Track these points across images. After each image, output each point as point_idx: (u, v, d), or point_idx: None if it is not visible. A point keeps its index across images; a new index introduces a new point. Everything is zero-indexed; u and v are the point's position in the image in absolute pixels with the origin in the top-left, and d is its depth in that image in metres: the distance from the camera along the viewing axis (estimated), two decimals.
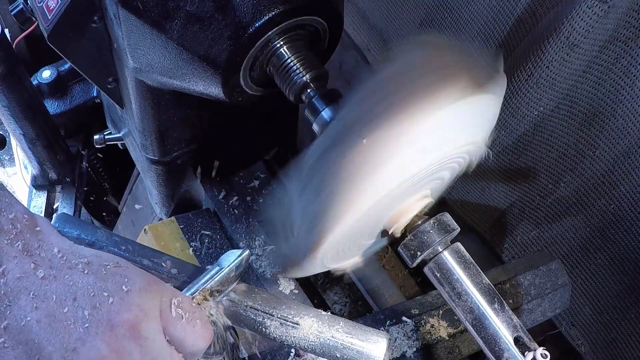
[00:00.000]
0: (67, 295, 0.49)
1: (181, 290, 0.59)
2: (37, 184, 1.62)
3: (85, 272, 0.51)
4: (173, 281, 0.63)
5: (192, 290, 0.60)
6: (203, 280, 0.60)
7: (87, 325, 0.49)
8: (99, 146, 1.28)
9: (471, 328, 0.71)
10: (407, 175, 0.65)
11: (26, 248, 0.50)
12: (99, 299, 0.50)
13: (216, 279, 0.61)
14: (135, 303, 0.51)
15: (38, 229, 0.52)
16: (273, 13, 0.74)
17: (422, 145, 0.63)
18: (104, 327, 0.49)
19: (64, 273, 0.50)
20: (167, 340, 0.54)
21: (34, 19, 1.08)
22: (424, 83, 0.62)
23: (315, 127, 0.77)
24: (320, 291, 1.10)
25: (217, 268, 0.62)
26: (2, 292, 0.48)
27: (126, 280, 0.52)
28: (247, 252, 0.64)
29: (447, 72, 0.63)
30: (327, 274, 1.12)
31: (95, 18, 0.86)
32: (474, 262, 0.73)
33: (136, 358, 0.50)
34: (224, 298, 0.63)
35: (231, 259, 0.63)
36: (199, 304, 0.59)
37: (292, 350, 0.79)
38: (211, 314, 0.60)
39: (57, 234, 0.54)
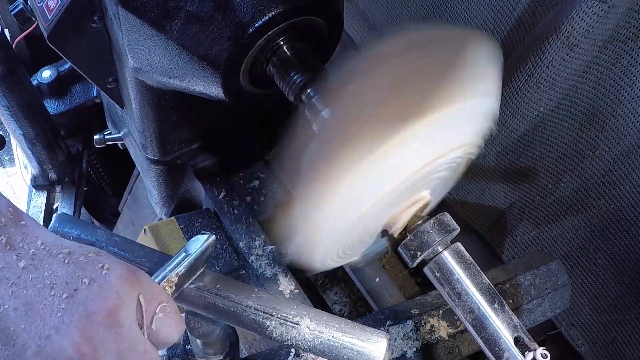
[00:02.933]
0: (45, 283, 0.50)
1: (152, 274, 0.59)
2: (37, 184, 1.62)
3: (66, 261, 0.51)
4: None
5: (160, 277, 0.59)
6: (170, 267, 0.59)
7: (62, 312, 0.49)
8: (99, 146, 1.28)
9: (471, 328, 0.71)
10: (405, 176, 0.65)
11: (9, 241, 0.50)
12: (77, 287, 0.50)
13: (184, 264, 0.60)
14: (114, 291, 0.51)
15: (23, 222, 0.52)
16: (273, 13, 0.74)
17: (415, 148, 0.63)
18: (79, 315, 0.49)
19: (44, 262, 0.51)
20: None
21: (34, 19, 1.08)
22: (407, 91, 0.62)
23: (315, 127, 0.77)
24: (320, 291, 1.10)
25: (184, 254, 0.61)
26: None
27: (105, 268, 0.52)
28: (212, 237, 0.63)
29: (430, 77, 0.63)
30: (327, 273, 1.13)
31: (95, 18, 0.86)
32: (474, 262, 0.73)
33: (110, 346, 0.50)
34: (193, 286, 0.62)
35: (197, 244, 0.62)
36: (170, 293, 0.59)
37: (292, 350, 0.79)
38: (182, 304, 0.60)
39: (42, 228, 0.54)
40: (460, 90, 0.63)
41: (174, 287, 0.59)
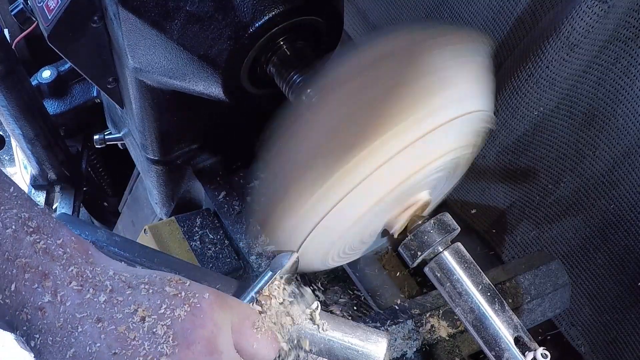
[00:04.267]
0: (135, 318, 0.48)
1: (239, 297, 0.59)
2: (36, 184, 1.62)
3: (150, 291, 0.50)
4: None
5: (249, 297, 0.59)
6: (259, 287, 0.60)
7: (162, 345, 0.47)
8: (99, 146, 1.28)
9: (471, 328, 0.71)
10: (404, 177, 0.66)
11: (80, 273, 0.49)
12: (170, 318, 0.49)
13: (270, 283, 0.61)
14: (209, 318, 0.50)
15: (92, 252, 0.51)
16: (273, 13, 0.74)
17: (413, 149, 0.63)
18: (181, 346, 0.48)
19: (126, 295, 0.49)
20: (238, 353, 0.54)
21: (34, 19, 1.08)
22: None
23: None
24: (320, 291, 1.10)
25: (271, 273, 0.62)
26: (63, 319, 0.47)
27: (194, 295, 0.51)
28: (295, 254, 0.64)
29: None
30: (327, 273, 1.13)
31: (95, 18, 0.86)
32: (474, 262, 0.73)
33: None
34: None
35: (282, 262, 0.63)
36: (261, 313, 0.58)
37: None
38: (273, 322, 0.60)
39: (106, 257, 0.52)
40: (429, 104, 0.62)
41: (267, 307, 0.59)
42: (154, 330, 0.48)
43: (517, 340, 0.69)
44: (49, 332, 0.46)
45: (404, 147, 0.61)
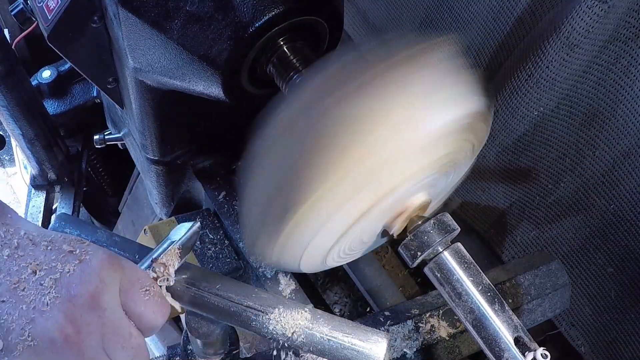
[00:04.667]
0: (28, 270, 0.51)
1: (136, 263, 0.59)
2: (36, 184, 1.63)
3: (49, 248, 0.52)
4: None
5: (146, 264, 0.59)
6: (156, 254, 0.60)
7: (45, 297, 0.50)
8: (99, 146, 1.28)
9: (471, 328, 0.71)
10: (404, 178, 0.66)
11: None
12: (59, 272, 0.51)
13: (168, 251, 0.61)
14: (96, 274, 0.52)
15: (9, 215, 0.54)
16: (273, 13, 0.74)
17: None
18: (62, 298, 0.50)
19: (27, 250, 0.52)
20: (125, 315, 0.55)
21: (34, 19, 1.08)
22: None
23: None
24: (320, 291, 1.10)
25: (169, 241, 0.61)
26: None
27: (87, 253, 0.53)
28: (197, 224, 0.64)
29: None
30: (327, 273, 1.13)
31: (95, 18, 0.86)
32: (474, 262, 0.73)
33: (94, 328, 0.51)
34: (179, 279, 0.62)
35: (182, 232, 0.62)
36: (155, 279, 0.59)
37: (291, 350, 0.79)
38: (168, 291, 0.60)
39: (25, 221, 0.55)
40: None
41: (160, 274, 0.59)
42: (42, 282, 0.50)
43: (517, 341, 0.69)
44: None
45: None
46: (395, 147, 0.62)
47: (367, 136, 0.61)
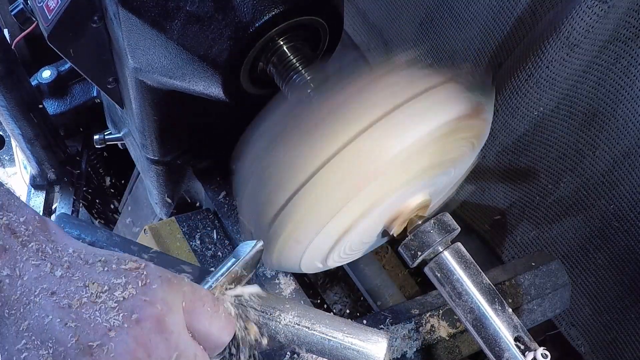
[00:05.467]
0: (88, 293, 0.49)
1: (199, 283, 0.59)
2: (36, 184, 1.63)
3: (105, 269, 0.51)
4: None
5: (210, 283, 0.59)
6: (220, 273, 0.60)
7: (112, 320, 0.49)
8: (99, 146, 1.28)
9: (471, 328, 0.71)
10: (403, 179, 0.66)
11: (41, 249, 0.50)
12: (122, 295, 0.50)
13: (233, 270, 0.61)
14: (159, 297, 0.51)
15: (54, 231, 0.52)
16: (273, 13, 0.74)
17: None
18: (130, 322, 0.49)
19: (82, 271, 0.50)
20: (191, 335, 0.54)
21: (34, 19, 1.08)
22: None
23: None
24: (320, 291, 1.10)
25: (233, 260, 0.62)
26: (20, 292, 0.48)
27: (146, 275, 0.52)
28: (261, 242, 0.64)
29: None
30: (327, 273, 1.13)
31: (95, 18, 0.86)
32: (474, 262, 0.73)
33: (162, 352, 0.50)
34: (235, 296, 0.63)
35: (246, 250, 0.63)
36: (218, 297, 0.59)
37: (290, 350, 0.79)
38: (231, 307, 0.60)
39: (68, 236, 0.53)
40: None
41: (224, 292, 0.59)
42: (105, 305, 0.49)
43: (517, 340, 0.69)
44: (6, 304, 0.48)
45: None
46: (386, 157, 0.62)
47: (360, 143, 0.61)
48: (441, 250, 0.72)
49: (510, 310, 0.71)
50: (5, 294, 0.48)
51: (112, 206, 1.83)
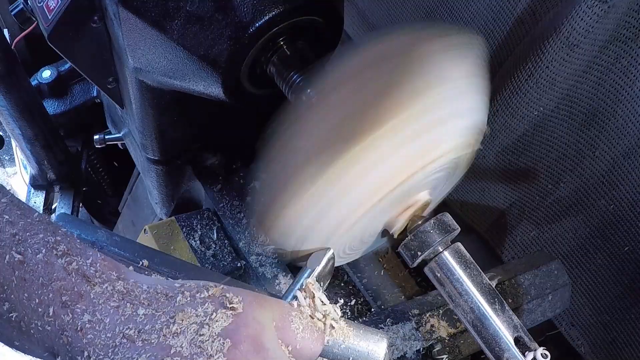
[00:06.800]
0: (177, 327, 0.48)
1: (279, 297, 0.60)
2: (36, 183, 1.62)
3: (188, 300, 0.50)
4: None
5: (290, 297, 0.60)
6: (298, 285, 0.61)
7: (208, 350, 0.48)
8: (99, 146, 1.28)
9: (471, 328, 0.71)
10: (403, 178, 0.66)
11: (115, 290, 0.49)
12: (213, 323, 0.49)
13: (308, 281, 0.62)
14: (250, 317, 0.51)
15: (120, 269, 0.51)
16: (273, 13, 0.74)
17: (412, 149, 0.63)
18: (228, 347, 0.48)
19: (165, 306, 0.49)
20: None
21: (34, 19, 1.08)
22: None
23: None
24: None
25: (308, 271, 0.63)
26: (104, 337, 0.47)
27: (230, 299, 0.51)
28: (331, 250, 0.65)
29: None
30: None
31: (95, 18, 0.86)
32: (474, 262, 0.73)
33: None
34: None
35: (319, 259, 0.64)
36: (302, 310, 0.59)
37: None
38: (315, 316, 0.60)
39: (134, 272, 0.53)
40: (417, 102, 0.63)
41: (304, 303, 0.60)
42: (199, 336, 0.48)
43: (517, 340, 0.69)
44: (94, 352, 0.47)
45: (401, 142, 0.62)
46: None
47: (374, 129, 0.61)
48: (441, 250, 0.72)
49: (510, 310, 0.71)
50: (89, 340, 0.47)
51: (112, 206, 1.83)
